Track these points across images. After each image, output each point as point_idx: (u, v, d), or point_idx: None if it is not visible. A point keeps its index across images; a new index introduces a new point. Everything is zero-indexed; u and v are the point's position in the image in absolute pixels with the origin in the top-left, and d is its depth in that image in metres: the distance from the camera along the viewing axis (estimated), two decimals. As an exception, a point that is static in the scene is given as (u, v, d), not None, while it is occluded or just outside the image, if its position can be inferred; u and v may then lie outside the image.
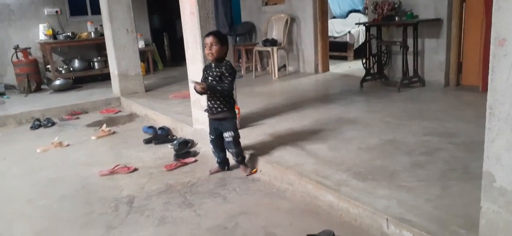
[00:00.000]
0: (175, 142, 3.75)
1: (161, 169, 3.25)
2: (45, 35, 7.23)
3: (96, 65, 7.52)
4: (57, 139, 4.14)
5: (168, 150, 3.69)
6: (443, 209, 2.06)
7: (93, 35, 7.43)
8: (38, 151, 3.95)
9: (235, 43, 7.74)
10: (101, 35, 6.98)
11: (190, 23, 3.55)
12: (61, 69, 7.22)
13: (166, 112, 4.75)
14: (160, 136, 4.08)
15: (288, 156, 2.99)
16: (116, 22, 5.74)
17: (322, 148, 3.09)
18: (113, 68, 6.06)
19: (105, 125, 4.58)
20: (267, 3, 7.57)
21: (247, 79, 6.72)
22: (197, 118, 3.78)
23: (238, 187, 2.82)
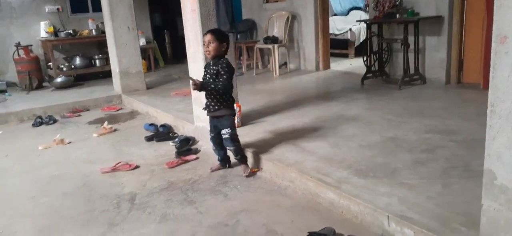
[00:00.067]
0: (176, 140, 3.76)
1: (163, 167, 3.25)
2: (46, 32, 7.24)
3: (98, 62, 7.52)
4: (58, 137, 4.15)
5: (170, 148, 3.70)
6: (444, 207, 2.07)
7: (94, 32, 7.42)
8: (40, 148, 3.97)
9: (236, 40, 7.73)
10: (102, 33, 7.00)
11: (191, 21, 3.55)
12: (62, 66, 7.22)
13: (167, 109, 4.76)
14: (161, 133, 4.09)
15: (289, 154, 2.99)
16: (118, 19, 5.74)
17: (323, 146, 3.09)
18: (114, 65, 6.06)
19: (106, 123, 4.59)
20: (268, 1, 7.56)
21: (248, 77, 6.72)
22: (198, 115, 3.79)
23: (239, 184, 2.82)
